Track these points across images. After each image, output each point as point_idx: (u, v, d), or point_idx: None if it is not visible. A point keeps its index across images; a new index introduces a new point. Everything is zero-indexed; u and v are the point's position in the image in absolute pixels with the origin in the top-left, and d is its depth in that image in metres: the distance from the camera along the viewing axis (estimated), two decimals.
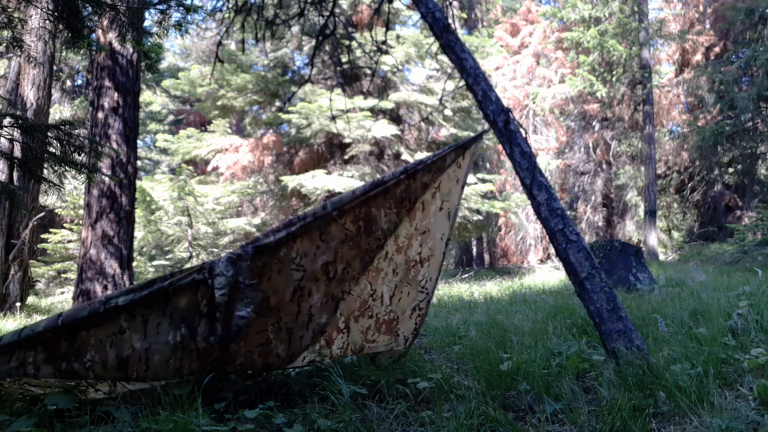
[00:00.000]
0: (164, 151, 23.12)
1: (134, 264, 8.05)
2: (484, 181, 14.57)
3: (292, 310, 2.92)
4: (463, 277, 14.42)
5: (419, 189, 3.22)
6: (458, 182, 3.42)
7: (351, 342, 3.25)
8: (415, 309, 3.53)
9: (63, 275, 12.83)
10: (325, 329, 3.08)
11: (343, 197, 2.95)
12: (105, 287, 6.58)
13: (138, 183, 10.61)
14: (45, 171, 4.60)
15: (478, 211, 14.80)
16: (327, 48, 13.28)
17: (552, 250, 16.21)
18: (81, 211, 11.74)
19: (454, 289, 10.18)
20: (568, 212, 12.29)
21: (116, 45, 7.02)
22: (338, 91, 13.99)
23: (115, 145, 6.95)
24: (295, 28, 13.79)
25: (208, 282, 2.64)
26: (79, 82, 17.28)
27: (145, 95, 22.38)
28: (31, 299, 11.01)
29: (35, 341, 2.43)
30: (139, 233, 12.46)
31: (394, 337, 3.48)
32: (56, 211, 13.54)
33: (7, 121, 4.23)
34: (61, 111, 15.46)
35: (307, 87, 13.44)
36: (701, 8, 21.25)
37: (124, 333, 2.55)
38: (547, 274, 14.08)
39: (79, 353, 2.50)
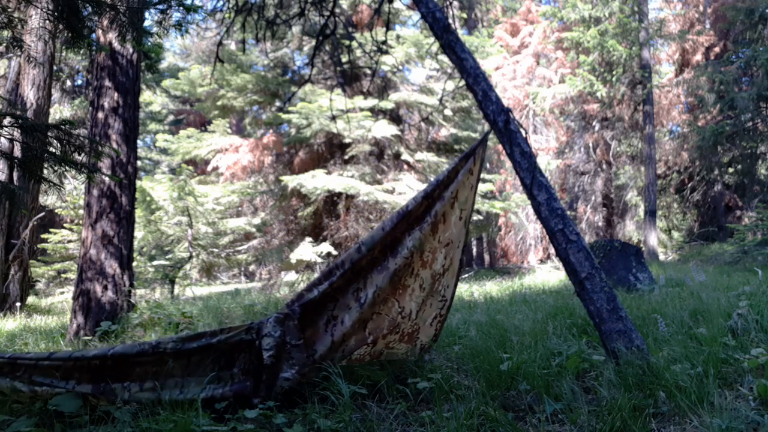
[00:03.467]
0: (164, 151, 23.12)
1: (134, 264, 8.05)
2: (484, 181, 14.55)
3: (326, 339, 2.97)
4: (463, 277, 14.42)
5: (438, 203, 3.25)
6: (472, 189, 3.44)
7: (373, 351, 3.28)
8: (436, 317, 3.54)
9: (63, 275, 12.83)
10: (355, 349, 3.11)
11: (374, 236, 3.05)
12: (105, 287, 6.58)
13: (138, 183, 10.61)
14: (45, 171, 4.59)
15: (478, 211, 14.79)
16: (327, 48, 13.27)
17: (552, 250, 16.21)
18: (81, 211, 11.75)
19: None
20: (568, 212, 12.29)
21: (116, 45, 7.01)
22: (338, 91, 13.98)
23: (115, 145, 6.94)
24: (296, 28, 13.79)
25: (255, 343, 2.76)
26: (79, 82, 17.29)
27: (145, 95, 22.38)
28: (31, 299, 11.00)
29: (83, 362, 2.64)
30: (139, 233, 12.46)
31: (412, 346, 3.49)
32: (56, 211, 13.53)
33: (7, 121, 4.23)
34: (61, 111, 15.46)
35: (307, 87, 13.43)
36: (701, 8, 21.25)
37: (167, 363, 2.71)
38: (547, 274, 14.08)
39: (122, 377, 2.68)
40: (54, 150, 4.18)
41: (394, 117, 14.56)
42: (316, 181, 12.22)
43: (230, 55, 14.72)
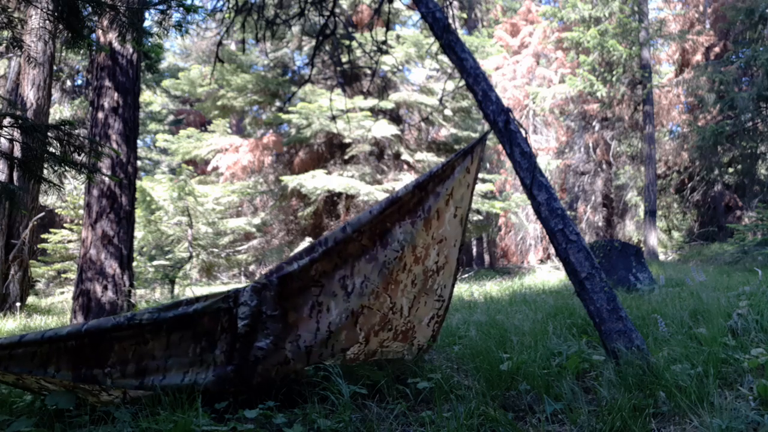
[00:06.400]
0: (164, 151, 23.12)
1: (134, 264, 8.05)
2: (484, 181, 14.56)
3: (311, 326, 2.92)
4: (463, 277, 14.42)
5: (432, 198, 3.22)
6: (468, 187, 3.42)
7: (367, 350, 3.25)
8: (434, 317, 3.53)
9: (63, 275, 12.82)
10: (346, 347, 3.07)
11: (362, 218, 2.99)
12: (105, 287, 6.58)
13: (138, 183, 10.61)
14: (45, 171, 4.60)
15: (478, 211, 14.79)
16: (327, 48, 13.27)
17: (552, 250, 16.21)
18: (81, 211, 11.74)
19: (454, 289, 10.16)
20: (568, 212, 12.29)
21: (116, 45, 7.02)
22: (338, 91, 13.99)
23: (115, 145, 6.95)
24: (295, 28, 13.79)
25: (232, 311, 2.71)
26: (79, 82, 17.28)
27: (145, 95, 22.37)
28: (31, 299, 11.00)
29: (58, 344, 2.52)
30: (139, 233, 12.45)
31: (408, 345, 3.48)
32: (56, 211, 13.53)
33: (7, 121, 4.23)
34: (61, 111, 15.46)
35: (307, 87, 13.43)
36: (701, 8, 21.25)
37: (148, 343, 2.64)
38: (547, 274, 14.08)
39: (102, 360, 2.59)
40: (54, 150, 4.19)
41: (394, 117, 14.56)
42: (316, 181, 12.22)
43: (230, 55, 14.72)
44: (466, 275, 14.89)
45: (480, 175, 14.84)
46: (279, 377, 2.89)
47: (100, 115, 7.04)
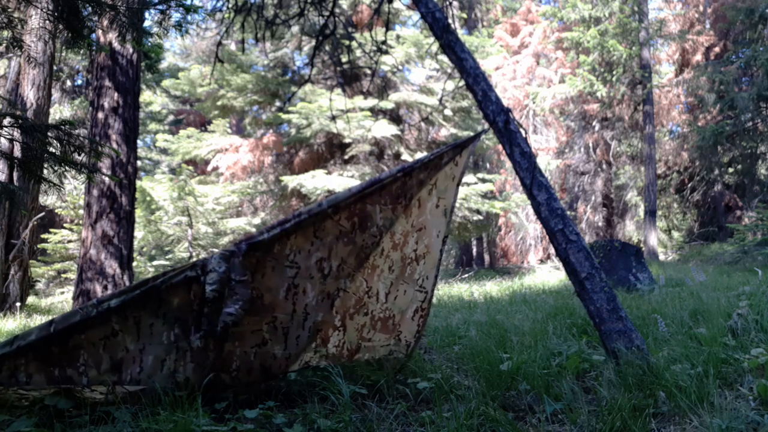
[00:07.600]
0: (164, 151, 23.11)
1: (134, 264, 8.05)
2: (484, 181, 14.56)
3: (287, 308, 2.90)
4: (463, 277, 14.42)
5: (415, 186, 3.23)
6: (454, 180, 3.43)
7: (347, 341, 3.22)
8: (417, 310, 3.51)
9: (63, 275, 12.83)
10: (321, 327, 3.06)
11: (339, 196, 2.96)
12: (105, 287, 6.58)
13: (138, 183, 10.61)
14: (45, 171, 4.60)
15: (478, 211, 14.79)
16: (327, 48, 13.27)
17: (552, 250, 16.21)
18: (81, 211, 11.74)
19: (454, 289, 10.18)
20: (568, 212, 12.29)
21: (116, 45, 7.02)
22: (338, 91, 13.99)
23: (115, 145, 6.95)
24: (295, 28, 13.79)
25: (200, 279, 2.64)
26: (79, 82, 17.28)
27: (145, 95, 22.38)
28: (31, 299, 11.00)
29: (27, 350, 2.42)
30: (139, 233, 12.45)
31: (394, 339, 3.45)
32: (56, 211, 13.54)
33: (7, 121, 4.23)
34: (61, 111, 15.46)
35: (307, 87, 13.43)
36: (701, 8, 21.25)
37: (117, 335, 2.55)
38: (547, 274, 14.08)
39: (72, 358, 2.50)
40: (54, 150, 4.19)
41: (394, 117, 14.56)
42: (316, 181, 12.22)
43: (230, 55, 14.72)
44: (466, 275, 14.89)
45: (480, 175, 14.86)
46: (259, 365, 2.86)
47: (100, 115, 7.05)
